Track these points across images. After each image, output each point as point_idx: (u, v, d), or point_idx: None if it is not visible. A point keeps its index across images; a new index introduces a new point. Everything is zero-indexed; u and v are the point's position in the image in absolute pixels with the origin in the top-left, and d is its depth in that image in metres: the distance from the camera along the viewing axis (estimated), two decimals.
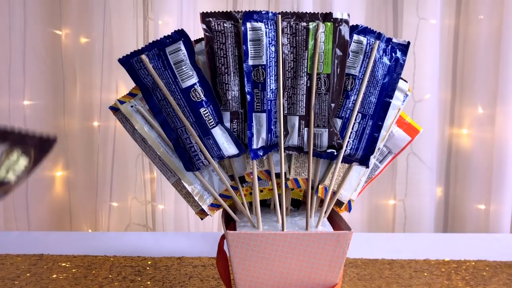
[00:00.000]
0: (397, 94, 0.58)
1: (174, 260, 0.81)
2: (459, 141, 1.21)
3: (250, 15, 0.53)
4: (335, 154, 0.56)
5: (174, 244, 0.89)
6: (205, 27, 0.54)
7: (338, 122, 0.56)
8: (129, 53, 0.54)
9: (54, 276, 0.75)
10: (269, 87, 0.54)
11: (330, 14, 0.55)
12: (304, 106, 0.55)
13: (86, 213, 1.20)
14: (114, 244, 0.88)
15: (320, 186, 0.58)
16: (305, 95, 0.55)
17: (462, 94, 1.19)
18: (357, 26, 0.56)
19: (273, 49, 0.54)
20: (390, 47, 0.57)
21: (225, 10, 0.54)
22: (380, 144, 0.59)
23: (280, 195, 0.57)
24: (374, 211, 1.23)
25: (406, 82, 0.59)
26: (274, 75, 0.54)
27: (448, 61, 1.19)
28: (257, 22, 0.53)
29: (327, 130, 0.55)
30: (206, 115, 0.55)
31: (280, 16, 0.54)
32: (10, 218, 1.17)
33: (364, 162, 0.58)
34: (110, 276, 0.75)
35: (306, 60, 0.54)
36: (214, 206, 0.59)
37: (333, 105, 0.55)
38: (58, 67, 1.17)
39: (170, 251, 0.85)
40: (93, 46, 1.13)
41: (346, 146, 0.57)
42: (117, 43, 1.14)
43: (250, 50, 0.53)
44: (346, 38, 0.55)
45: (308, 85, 0.55)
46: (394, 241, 0.94)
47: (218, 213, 0.62)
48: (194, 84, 0.54)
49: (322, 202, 0.59)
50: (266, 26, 0.54)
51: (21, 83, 1.14)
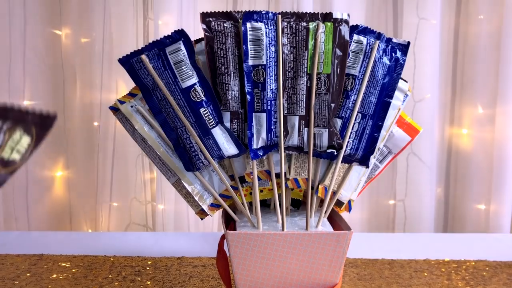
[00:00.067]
0: (397, 94, 0.58)
1: (174, 260, 0.81)
2: (459, 141, 1.21)
3: (250, 15, 0.53)
4: (335, 154, 0.56)
5: (174, 244, 0.89)
6: (205, 27, 0.54)
7: (338, 122, 0.56)
8: (129, 53, 0.55)
9: (54, 276, 0.75)
10: (269, 87, 0.54)
11: (330, 14, 0.55)
12: (304, 106, 0.55)
13: (86, 213, 1.20)
14: (114, 244, 0.88)
15: (320, 186, 0.58)
16: (305, 95, 0.55)
17: (462, 94, 1.19)
18: (357, 26, 0.56)
19: (273, 49, 0.54)
20: (390, 47, 0.57)
21: (225, 10, 0.54)
22: (380, 144, 0.59)
23: (280, 195, 0.57)
24: (374, 211, 1.23)
25: (406, 82, 0.59)
26: (274, 75, 0.54)
27: (448, 61, 1.19)
28: (257, 22, 0.53)
29: (327, 130, 0.55)
30: (206, 115, 0.55)
31: (280, 16, 0.54)
32: (10, 218, 1.17)
33: (364, 162, 0.58)
34: (110, 276, 0.75)
35: (306, 60, 0.54)
36: (214, 206, 0.59)
37: (333, 105, 0.55)
38: (58, 67, 1.17)
39: (170, 251, 0.85)
40: (93, 46, 1.13)
41: (346, 146, 0.57)
42: (117, 43, 1.14)
43: (250, 50, 0.53)
44: (346, 38, 0.55)
45: (308, 85, 0.55)
46: (394, 241, 0.94)
47: (218, 213, 0.62)
48: (194, 84, 0.54)
49: (322, 202, 0.59)
50: (266, 26, 0.54)
51: (21, 83, 1.14)
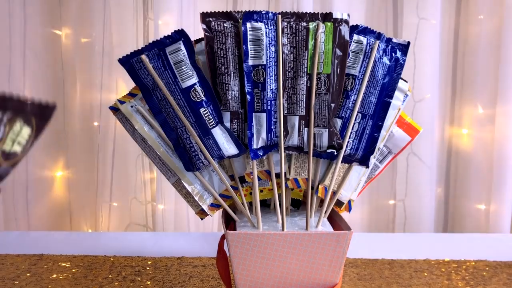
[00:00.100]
0: (397, 94, 0.58)
1: (174, 260, 0.81)
2: (459, 141, 1.21)
3: (250, 15, 0.53)
4: (335, 154, 0.56)
5: (174, 244, 0.89)
6: (205, 27, 0.54)
7: (338, 122, 0.56)
8: (129, 53, 0.55)
9: (54, 276, 0.75)
10: (269, 87, 0.54)
11: (330, 14, 0.55)
12: (304, 106, 0.55)
13: (86, 213, 1.20)
14: (114, 244, 0.88)
15: (320, 186, 0.58)
16: (305, 95, 0.55)
17: (462, 94, 1.19)
18: (357, 26, 0.56)
19: (273, 49, 0.54)
20: (390, 47, 0.57)
21: (225, 10, 0.54)
22: (380, 144, 0.59)
23: (280, 195, 0.57)
24: (374, 211, 1.23)
25: (406, 82, 0.59)
26: (274, 75, 0.54)
27: (448, 61, 1.19)
28: (257, 22, 0.53)
29: (327, 130, 0.55)
30: (206, 115, 0.54)
31: (280, 16, 0.54)
32: (10, 218, 1.17)
33: (364, 162, 0.58)
34: (110, 276, 0.75)
35: (306, 60, 0.54)
36: (214, 206, 0.59)
37: (333, 105, 0.55)
38: (58, 67, 1.17)
39: (170, 251, 0.85)
40: (93, 46, 1.13)
41: (346, 146, 0.57)
42: (117, 43, 1.14)
43: (250, 50, 0.53)
44: (346, 38, 0.55)
45: (308, 85, 0.55)
46: (394, 241, 0.94)
47: (218, 213, 0.62)
48: (194, 84, 0.54)
49: (322, 202, 0.59)
50: (266, 26, 0.54)
51: (21, 83, 1.14)
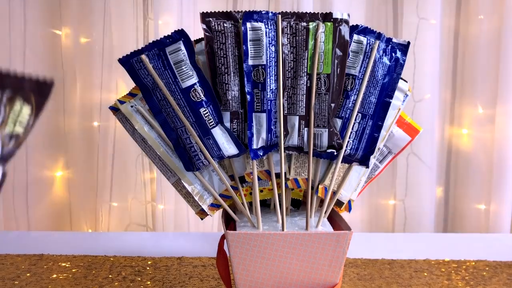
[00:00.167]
0: (397, 94, 0.58)
1: (174, 260, 0.81)
2: (459, 141, 1.21)
3: (250, 15, 0.53)
4: (335, 154, 0.56)
5: (174, 244, 0.89)
6: (205, 27, 0.54)
7: (338, 122, 0.56)
8: (129, 53, 0.55)
9: (54, 276, 0.75)
10: (269, 87, 0.54)
11: (330, 14, 0.55)
12: (304, 106, 0.55)
13: (86, 213, 1.20)
14: (114, 244, 0.88)
15: (320, 186, 0.58)
16: (305, 95, 0.55)
17: (462, 94, 1.19)
18: (357, 26, 0.56)
19: (273, 49, 0.54)
20: (390, 47, 0.57)
21: (225, 10, 0.54)
22: (380, 144, 0.59)
23: (280, 195, 0.57)
24: (374, 211, 1.23)
25: (406, 82, 0.59)
26: (274, 75, 0.54)
27: (448, 61, 1.19)
28: (257, 22, 0.53)
29: (327, 130, 0.55)
30: (206, 115, 0.54)
31: (280, 16, 0.54)
32: (10, 218, 1.17)
33: (364, 162, 0.58)
34: (110, 276, 0.75)
35: (306, 60, 0.54)
36: (214, 206, 0.59)
37: (333, 105, 0.55)
38: (58, 67, 1.17)
39: (170, 251, 0.85)
40: (93, 46, 1.13)
41: (346, 146, 0.57)
42: (117, 43, 1.14)
43: (250, 50, 0.53)
44: (346, 38, 0.55)
45: (308, 85, 0.55)
46: (394, 241, 0.94)
47: (218, 213, 0.62)
48: (194, 84, 0.54)
49: (322, 202, 0.59)
50: (266, 26, 0.54)
51: None
